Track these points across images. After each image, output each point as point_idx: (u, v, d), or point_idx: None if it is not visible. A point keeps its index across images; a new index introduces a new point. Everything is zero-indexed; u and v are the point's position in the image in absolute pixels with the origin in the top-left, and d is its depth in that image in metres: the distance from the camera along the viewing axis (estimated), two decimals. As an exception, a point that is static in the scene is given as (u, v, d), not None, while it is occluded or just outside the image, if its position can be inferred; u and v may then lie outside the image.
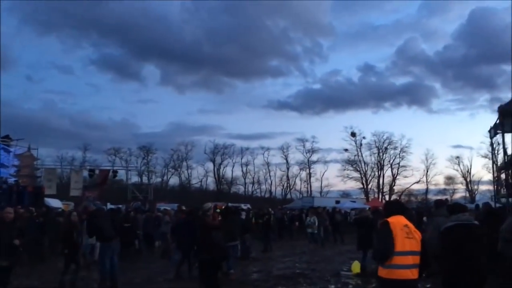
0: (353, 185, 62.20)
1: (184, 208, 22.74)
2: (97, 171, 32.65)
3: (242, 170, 67.79)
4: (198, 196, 55.88)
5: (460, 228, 5.41)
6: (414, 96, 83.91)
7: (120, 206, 25.59)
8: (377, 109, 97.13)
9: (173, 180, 68.18)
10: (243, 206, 31.29)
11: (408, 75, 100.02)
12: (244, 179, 68.16)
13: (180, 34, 77.17)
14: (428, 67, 77.09)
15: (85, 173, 32.60)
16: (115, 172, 33.12)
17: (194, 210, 12.30)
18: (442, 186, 62.69)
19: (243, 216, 17.12)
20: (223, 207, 19.08)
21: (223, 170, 67.35)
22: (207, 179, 68.03)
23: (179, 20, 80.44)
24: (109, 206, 25.42)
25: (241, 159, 67.24)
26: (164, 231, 15.26)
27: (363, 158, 61.81)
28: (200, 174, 68.42)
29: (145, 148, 63.84)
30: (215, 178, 66.96)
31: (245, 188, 68.62)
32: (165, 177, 67.40)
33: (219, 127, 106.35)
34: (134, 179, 53.20)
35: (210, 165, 67.13)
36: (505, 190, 12.39)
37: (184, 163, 66.90)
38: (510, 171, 12.68)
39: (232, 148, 66.52)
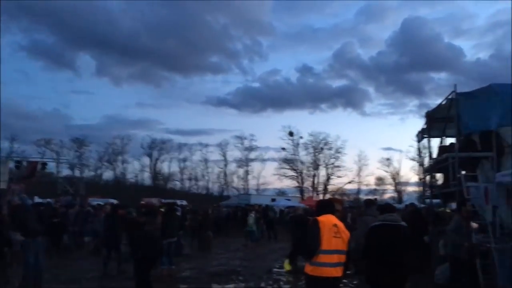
0: (289, 184, 63.38)
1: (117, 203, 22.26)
2: (24, 163, 30.94)
3: (180, 166, 67.18)
4: (134, 191, 54.65)
5: (385, 228, 5.65)
6: (349, 98, 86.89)
7: (49, 200, 24.50)
8: (313, 109, 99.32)
9: (108, 175, 66.29)
10: (179, 202, 30.99)
11: (344, 78, 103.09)
12: (181, 175, 67.60)
13: (118, 24, 74.89)
14: (363, 71, 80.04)
15: (12, 165, 30.82)
16: (44, 164, 31.55)
17: (118, 206, 12.09)
18: (373, 187, 65.35)
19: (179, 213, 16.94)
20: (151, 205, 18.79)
21: (160, 165, 66.36)
22: (143, 174, 66.73)
23: (117, 9, 78.10)
24: (37, 200, 24.28)
25: (179, 154, 66.57)
26: (97, 228, 14.76)
27: (299, 157, 63.12)
28: (136, 169, 66.95)
29: (78, 140, 61.42)
30: (151, 173, 65.75)
31: (182, 184, 68.02)
32: (98, 171, 65.36)
33: (157, 122, 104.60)
34: (66, 172, 51.16)
35: (146, 160, 65.91)
36: (429, 191, 13.09)
37: (120, 157, 65.15)
38: (434, 174, 13.41)
39: (169, 144, 65.68)
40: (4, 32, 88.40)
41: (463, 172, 10.03)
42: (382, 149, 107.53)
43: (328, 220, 4.85)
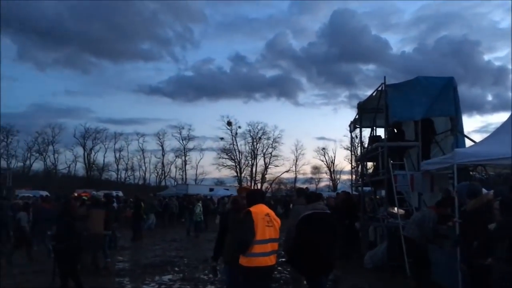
0: (227, 173, 63.57)
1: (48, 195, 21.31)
2: None
3: (115, 156, 65.29)
4: (66, 183, 52.53)
5: (316, 216, 5.79)
6: (282, 88, 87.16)
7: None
8: (248, 99, 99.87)
9: (37, 165, 63.12)
10: (115, 193, 30.13)
11: (277, 68, 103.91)
12: (117, 165, 65.71)
13: (40, 5, 70.42)
14: (295, 62, 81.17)
15: None
16: (-34, 154, 29.60)
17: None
18: (309, 175, 67.01)
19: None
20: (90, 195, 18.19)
21: (94, 155, 64.13)
22: (75, 165, 64.24)
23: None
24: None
25: (114, 144, 64.68)
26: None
27: (238, 147, 63.37)
28: (69, 159, 64.41)
29: (5, 130, 57.87)
30: (85, 163, 63.43)
31: (117, 174, 66.19)
32: (27, 162, 62.14)
33: (87, 110, 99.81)
34: (-9, 163, 48.17)
35: (80, 150, 63.44)
36: (360, 179, 13.58)
37: (51, 147, 62.22)
38: (365, 163, 13.92)
39: (104, 133, 63.53)
40: None
41: (391, 161, 10.46)
42: (316, 138, 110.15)
43: (260, 210, 4.88)
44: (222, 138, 62.40)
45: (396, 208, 10.10)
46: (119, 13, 74.13)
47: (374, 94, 11.71)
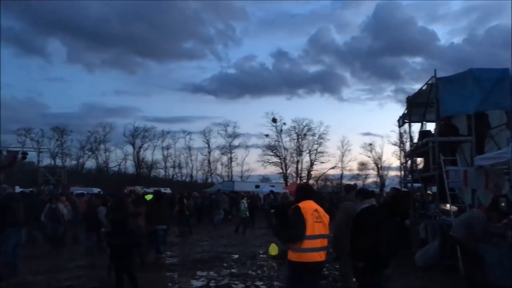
0: (272, 170, 63.55)
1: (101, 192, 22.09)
2: (4, 153, 30.45)
3: (163, 154, 66.75)
4: (116, 180, 54.22)
5: (371, 212, 5.70)
6: (326, 84, 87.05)
7: (32, 189, 24.17)
8: (291, 95, 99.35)
9: (90, 163, 65.49)
10: (163, 190, 30.81)
11: (320, 63, 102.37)
12: (165, 162, 67.17)
13: (87, 8, 72.86)
14: (338, 56, 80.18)
15: (-9, 155, 30.33)
16: (24, 153, 31.06)
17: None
18: (356, 172, 65.92)
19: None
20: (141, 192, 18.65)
21: (143, 153, 65.88)
22: (126, 163, 66.16)
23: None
24: (18, 189, 23.92)
25: (162, 142, 66.11)
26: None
27: (283, 144, 63.28)
28: (119, 157, 66.32)
29: (59, 129, 60.49)
30: (134, 161, 65.23)
31: (165, 172, 67.66)
32: (81, 160, 64.59)
33: (135, 109, 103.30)
34: (47, 161, 50.38)
35: (129, 148, 65.32)
36: (410, 175, 13.25)
37: (102, 146, 64.42)
38: (415, 159, 13.57)
39: (152, 131, 65.05)
40: None
41: (443, 156, 10.16)
42: (362, 134, 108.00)
43: (309, 206, 4.87)
44: (267, 135, 62.50)
45: (448, 205, 9.79)
46: (162, 13, 75.86)
47: (423, 87, 11.39)
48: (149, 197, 13.63)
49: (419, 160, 14.36)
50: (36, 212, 13.30)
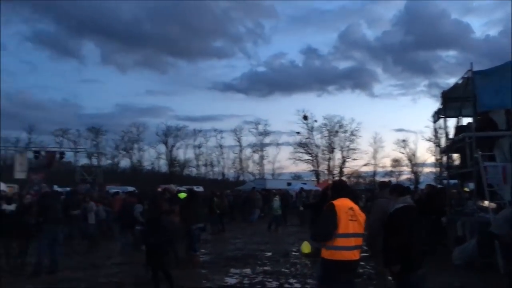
0: (304, 167, 63.30)
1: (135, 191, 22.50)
2: (43, 153, 31.48)
3: (195, 152, 67.46)
4: (150, 179, 55.17)
5: (408, 210, 5.62)
6: (357, 80, 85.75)
7: (68, 188, 24.88)
8: (321, 92, 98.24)
9: (124, 162, 66.92)
10: (196, 189, 31.13)
11: (351, 59, 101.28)
12: (197, 161, 67.92)
13: (119, 10, 74.79)
14: (369, 52, 79.12)
15: (30, 155, 31.39)
16: (62, 153, 32.12)
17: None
18: (389, 168, 64.92)
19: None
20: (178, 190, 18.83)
21: (175, 152, 66.76)
22: (159, 161, 67.23)
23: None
24: (57, 188, 24.67)
25: (194, 141, 66.82)
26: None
27: (314, 141, 62.89)
28: (152, 156, 67.46)
29: (95, 129, 62.11)
30: (167, 160, 66.21)
31: (197, 170, 68.40)
32: (115, 159, 66.01)
33: (167, 109, 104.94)
34: (83, 161, 51.74)
35: (162, 147, 66.34)
36: (446, 172, 12.96)
37: (136, 145, 65.68)
38: (451, 155, 13.26)
39: (184, 130, 65.85)
40: (8, 24, 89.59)
41: (480, 152, 9.89)
42: (394, 130, 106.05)
43: (343, 204, 4.82)
44: (298, 133, 62.22)
45: (486, 202, 9.53)
46: (192, 13, 76.42)
47: (459, 81, 11.10)
48: (182, 195, 13.79)
49: (455, 156, 14.03)
50: (73, 211, 13.68)
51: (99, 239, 13.97)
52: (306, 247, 10.07)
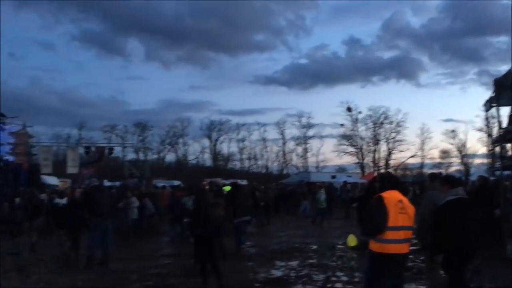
0: (348, 160, 62.39)
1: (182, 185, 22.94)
2: (93, 148, 32.57)
3: (238, 146, 67.91)
4: (195, 173, 56.02)
5: (460, 202, 5.44)
6: (402, 70, 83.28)
7: (116, 183, 25.66)
8: (365, 83, 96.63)
9: (170, 157, 68.19)
10: (240, 182, 31.39)
11: (395, 48, 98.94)
12: (241, 155, 68.35)
13: (161, 7, 75.65)
14: (415, 40, 76.56)
15: (81, 151, 32.59)
16: (111, 149, 33.04)
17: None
18: (438, 160, 63.01)
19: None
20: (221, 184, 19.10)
21: (219, 146, 67.47)
22: (203, 155, 68.16)
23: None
24: (107, 183, 25.47)
25: (237, 135, 67.25)
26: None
27: (358, 133, 61.88)
28: (197, 150, 68.45)
29: (141, 125, 63.57)
30: (211, 154, 67.03)
31: (241, 164, 68.88)
32: (161, 154, 67.47)
33: (210, 103, 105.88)
34: (131, 156, 53.19)
35: (206, 142, 67.18)
36: (499, 163, 12.45)
37: (181, 140, 66.85)
38: (504, 145, 12.72)
39: (227, 124, 66.37)
40: (55, 23, 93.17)
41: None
42: (442, 120, 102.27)
43: (392, 197, 4.73)
44: (342, 125, 61.31)
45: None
46: (232, 8, 76.53)
47: (513, 68, 10.61)
48: (227, 188, 13.93)
49: (509, 146, 13.46)
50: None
51: (143, 232, 14.30)
52: (352, 240, 9.97)
